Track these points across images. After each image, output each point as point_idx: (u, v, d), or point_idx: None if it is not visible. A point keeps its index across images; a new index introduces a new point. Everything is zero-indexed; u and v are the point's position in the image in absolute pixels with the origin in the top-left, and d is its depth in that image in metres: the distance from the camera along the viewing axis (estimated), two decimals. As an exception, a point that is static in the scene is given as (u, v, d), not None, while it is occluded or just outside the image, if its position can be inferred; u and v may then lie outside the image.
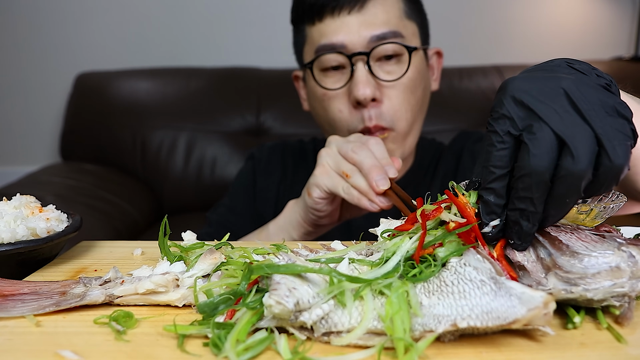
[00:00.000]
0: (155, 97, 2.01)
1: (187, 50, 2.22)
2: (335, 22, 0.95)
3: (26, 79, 2.21)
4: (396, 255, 0.45)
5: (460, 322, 0.38)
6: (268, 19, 2.21)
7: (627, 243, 0.43)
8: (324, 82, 0.98)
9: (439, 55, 1.13)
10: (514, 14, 2.32)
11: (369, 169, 0.74)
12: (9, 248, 0.55)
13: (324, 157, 0.80)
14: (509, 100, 0.45)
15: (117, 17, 2.19)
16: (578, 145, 0.41)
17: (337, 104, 0.98)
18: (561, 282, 0.43)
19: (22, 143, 2.27)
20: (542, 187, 0.43)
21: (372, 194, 0.74)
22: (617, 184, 0.44)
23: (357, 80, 0.93)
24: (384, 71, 0.96)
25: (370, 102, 0.94)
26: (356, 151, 0.76)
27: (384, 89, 0.96)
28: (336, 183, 0.78)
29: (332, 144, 0.81)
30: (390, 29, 0.95)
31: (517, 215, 0.45)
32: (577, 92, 0.43)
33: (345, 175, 0.76)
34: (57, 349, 0.39)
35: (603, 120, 0.42)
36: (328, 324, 0.40)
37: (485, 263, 0.43)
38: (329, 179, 0.79)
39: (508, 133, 0.44)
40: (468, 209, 0.47)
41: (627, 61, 2.17)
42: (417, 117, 1.04)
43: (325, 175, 0.79)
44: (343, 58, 0.95)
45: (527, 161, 0.42)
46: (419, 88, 1.01)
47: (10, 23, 2.16)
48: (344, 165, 0.77)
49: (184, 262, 0.54)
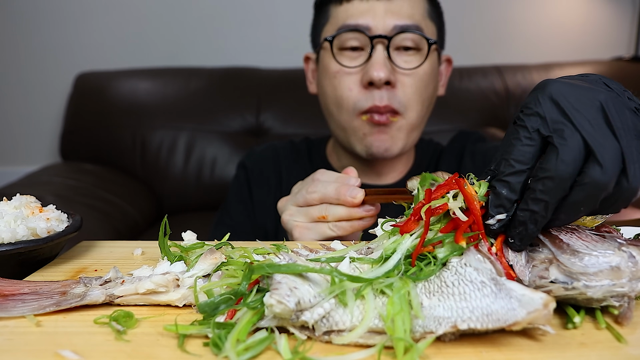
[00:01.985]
0: (155, 97, 2.01)
1: (187, 50, 2.22)
2: (363, 5, 0.97)
3: (26, 79, 2.21)
4: (397, 253, 0.45)
5: (460, 324, 0.38)
6: (268, 19, 2.21)
7: (628, 243, 0.43)
8: (340, 59, 0.99)
9: (449, 63, 1.15)
10: (514, 14, 2.32)
11: (336, 193, 0.72)
12: (9, 248, 0.55)
13: (290, 221, 0.77)
14: (545, 99, 0.45)
15: (117, 17, 2.19)
16: (606, 157, 0.41)
17: (348, 82, 0.99)
18: (563, 275, 0.43)
19: (22, 143, 2.27)
20: (560, 193, 0.43)
21: (356, 212, 0.72)
22: (625, 207, 0.44)
23: (374, 61, 0.95)
24: (401, 60, 0.98)
25: (383, 85, 0.95)
26: (311, 191, 0.75)
27: (398, 76, 0.97)
28: (320, 231, 0.75)
29: (287, 205, 0.79)
30: (414, 22, 0.98)
31: (526, 216, 0.44)
32: (612, 109, 0.44)
33: (322, 218, 0.74)
34: (57, 349, 0.39)
35: (630, 142, 0.43)
36: (329, 322, 0.40)
37: (486, 263, 0.43)
38: (312, 233, 0.75)
39: (537, 131, 0.44)
40: (475, 202, 0.47)
41: (627, 61, 2.18)
42: (425, 113, 1.05)
43: (305, 232, 0.76)
44: (364, 39, 0.97)
45: (553, 164, 0.42)
46: (431, 85, 1.03)
47: (10, 23, 2.16)
48: (313, 211, 0.75)
49: (184, 262, 0.54)
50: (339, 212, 0.73)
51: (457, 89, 2.03)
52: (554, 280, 0.43)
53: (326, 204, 0.74)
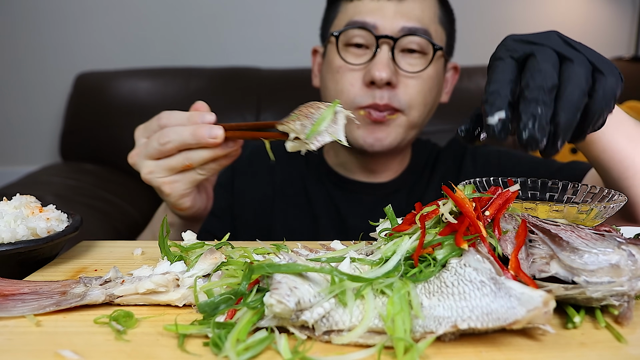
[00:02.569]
0: (155, 97, 2.01)
1: (187, 50, 2.22)
2: (373, 3, 0.97)
3: (26, 79, 2.21)
4: (396, 254, 0.45)
5: (460, 323, 0.38)
6: (268, 19, 2.21)
7: (627, 242, 0.43)
8: (345, 55, 0.99)
9: (456, 71, 1.14)
10: (514, 14, 2.31)
11: (194, 137, 0.68)
12: (9, 248, 0.55)
13: (153, 179, 0.73)
14: (508, 41, 0.53)
15: (117, 17, 2.19)
16: (576, 60, 0.49)
17: (350, 78, 0.98)
18: (563, 270, 0.43)
19: (22, 143, 2.27)
20: (550, 82, 0.48)
21: (220, 152, 0.70)
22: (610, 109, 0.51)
23: (377, 60, 0.95)
24: (406, 62, 0.97)
25: (384, 85, 0.95)
26: (164, 141, 0.69)
27: (401, 78, 0.97)
28: (190, 179, 0.73)
29: (141, 161, 0.74)
30: (422, 26, 0.97)
31: (529, 105, 0.47)
32: (568, 38, 0.53)
33: (187, 167, 0.71)
34: (57, 348, 0.39)
35: (594, 55, 0.52)
36: (329, 322, 0.40)
37: (485, 263, 0.43)
38: (182, 184, 0.73)
39: (510, 57, 0.51)
40: (467, 204, 0.47)
41: (627, 61, 2.17)
42: (427, 115, 1.04)
43: (175, 185, 0.73)
44: (370, 37, 0.96)
45: (537, 64, 0.48)
46: (434, 89, 1.02)
47: (10, 23, 2.16)
48: (173, 162, 0.71)
49: (184, 262, 0.54)
50: (203, 156, 0.70)
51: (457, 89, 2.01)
52: (554, 274, 0.43)
53: (186, 151, 0.70)
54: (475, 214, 0.47)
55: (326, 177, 1.13)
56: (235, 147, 0.72)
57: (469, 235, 0.45)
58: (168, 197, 0.75)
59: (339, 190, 1.11)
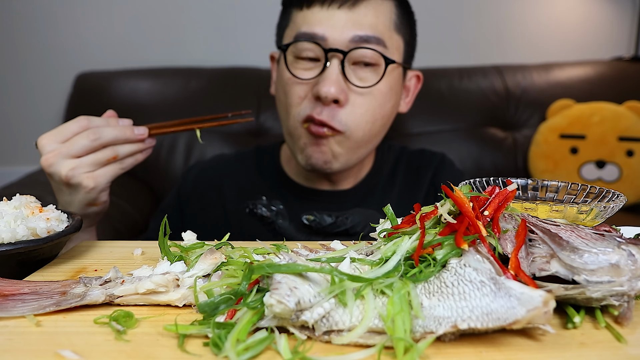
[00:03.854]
0: (155, 97, 2.01)
1: (187, 50, 2.22)
2: (322, 13, 0.91)
3: (26, 79, 2.21)
4: (396, 254, 0.45)
5: (460, 323, 0.38)
6: (268, 19, 2.20)
7: (627, 242, 0.43)
8: (294, 69, 0.94)
9: (418, 80, 1.09)
10: (514, 14, 2.32)
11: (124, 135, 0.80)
12: (9, 248, 0.55)
13: (76, 175, 0.79)
14: None
15: (117, 17, 2.19)
16: None
17: (299, 91, 0.94)
18: (564, 269, 0.43)
19: (22, 143, 2.26)
20: None
21: (142, 146, 0.82)
22: None
23: (325, 76, 0.89)
24: (356, 76, 0.92)
25: (331, 103, 0.91)
26: (94, 138, 0.78)
27: (350, 95, 0.92)
28: (114, 171, 0.82)
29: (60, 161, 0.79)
30: (375, 34, 0.91)
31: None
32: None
33: (113, 159, 0.80)
34: (57, 348, 0.39)
35: None
36: (329, 322, 0.40)
37: (485, 263, 0.43)
38: (106, 176, 0.81)
39: None
40: (466, 204, 0.47)
41: (627, 61, 2.18)
42: (379, 132, 1.00)
43: (99, 177, 0.81)
44: (319, 50, 0.91)
45: None
46: (387, 104, 0.97)
47: (10, 23, 2.16)
48: (100, 156, 0.80)
49: (184, 262, 0.54)
50: (129, 149, 0.82)
51: (457, 89, 2.03)
52: (555, 273, 0.43)
53: (113, 146, 0.80)
54: (474, 213, 0.47)
55: (286, 188, 1.09)
56: (152, 144, 0.84)
57: (468, 236, 0.45)
58: (90, 192, 0.81)
59: (303, 201, 1.06)
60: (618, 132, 1.88)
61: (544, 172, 1.95)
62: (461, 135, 1.98)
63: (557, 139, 1.93)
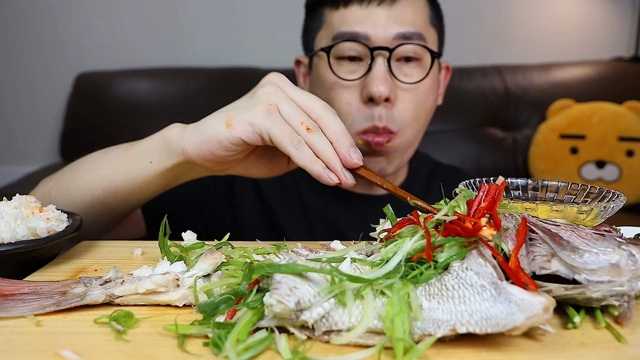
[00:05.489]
0: (155, 97, 2.01)
1: (187, 50, 2.23)
2: (362, 11, 0.90)
3: (26, 79, 2.21)
4: (397, 255, 0.45)
5: (459, 327, 0.38)
6: (268, 19, 2.21)
7: (627, 242, 0.43)
8: (338, 71, 0.92)
9: (447, 70, 1.10)
10: (514, 14, 2.32)
11: (341, 134, 0.60)
12: (9, 248, 0.55)
13: (270, 95, 0.64)
14: None
15: (117, 17, 2.19)
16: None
17: (347, 96, 0.92)
18: (564, 268, 0.43)
19: (22, 143, 2.27)
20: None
21: (336, 163, 0.58)
22: None
23: (375, 75, 0.88)
24: (402, 73, 0.92)
25: (383, 102, 0.90)
26: (319, 109, 0.63)
27: (398, 92, 0.92)
28: (284, 131, 0.60)
29: (281, 83, 0.66)
30: (417, 30, 0.91)
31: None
32: None
33: (306, 129, 0.60)
34: (57, 349, 0.39)
35: None
36: (329, 322, 0.40)
37: (487, 267, 0.43)
38: (273, 123, 0.60)
39: None
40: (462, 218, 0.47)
41: (627, 61, 2.18)
42: (422, 128, 1.00)
43: (268, 115, 0.61)
44: (363, 49, 0.90)
45: None
46: (430, 98, 0.98)
47: (10, 23, 2.16)
48: (303, 115, 0.61)
49: (184, 262, 0.54)
50: (323, 145, 0.60)
51: (457, 89, 2.03)
52: (555, 271, 0.43)
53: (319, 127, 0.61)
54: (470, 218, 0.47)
55: (322, 187, 1.07)
56: (348, 182, 0.60)
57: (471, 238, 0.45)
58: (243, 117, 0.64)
59: (338, 201, 1.06)
60: (618, 132, 1.88)
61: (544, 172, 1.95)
62: (461, 135, 1.98)
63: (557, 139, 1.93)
